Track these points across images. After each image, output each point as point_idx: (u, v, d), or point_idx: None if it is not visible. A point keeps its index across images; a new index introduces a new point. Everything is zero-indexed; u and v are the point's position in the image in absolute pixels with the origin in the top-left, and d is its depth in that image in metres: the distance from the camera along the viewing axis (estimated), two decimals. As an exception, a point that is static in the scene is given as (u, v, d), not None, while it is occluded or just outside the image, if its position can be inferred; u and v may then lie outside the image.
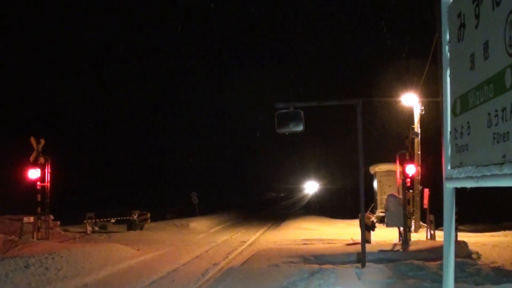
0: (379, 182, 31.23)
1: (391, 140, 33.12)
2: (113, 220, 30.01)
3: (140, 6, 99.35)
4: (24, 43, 70.98)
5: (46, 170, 22.66)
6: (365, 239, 13.73)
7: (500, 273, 12.13)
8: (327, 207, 50.33)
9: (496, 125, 2.63)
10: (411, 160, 21.25)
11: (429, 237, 20.89)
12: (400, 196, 19.54)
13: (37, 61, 75.39)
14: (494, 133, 2.66)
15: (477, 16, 2.88)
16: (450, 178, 3.36)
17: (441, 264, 3.58)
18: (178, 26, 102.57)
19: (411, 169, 20.49)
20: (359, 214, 14.07)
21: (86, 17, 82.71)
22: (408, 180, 20.46)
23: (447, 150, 3.47)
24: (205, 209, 39.26)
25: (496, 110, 2.63)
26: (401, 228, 18.78)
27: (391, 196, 19.88)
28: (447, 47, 3.46)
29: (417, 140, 25.30)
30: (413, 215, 23.62)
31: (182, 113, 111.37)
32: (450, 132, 3.43)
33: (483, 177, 2.75)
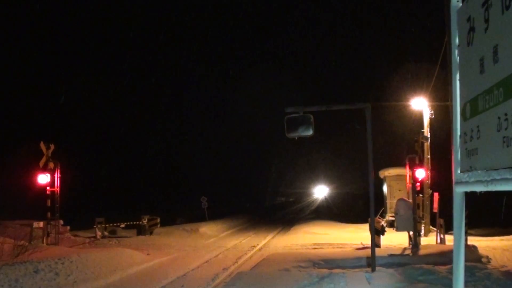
0: (389, 186, 31.17)
1: (401, 144, 33.13)
2: (123, 225, 30.07)
3: (147, 9, 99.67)
4: (32, 47, 71.34)
5: (55, 175, 22.78)
6: (375, 243, 13.70)
7: (510, 277, 12.06)
8: (337, 212, 50.22)
9: (506, 129, 2.63)
10: (421, 164, 21.22)
11: (439, 241, 20.81)
12: (410, 200, 19.49)
13: (44, 65, 75.73)
14: (504, 137, 2.66)
15: (486, 20, 2.88)
16: (460, 182, 3.36)
17: (451, 268, 3.56)
18: (187, 32, 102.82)
19: (421, 173, 20.46)
20: (369, 219, 14.05)
21: (94, 21, 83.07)
22: (418, 184, 20.42)
23: (457, 154, 3.46)
24: (214, 214, 39.27)
25: (506, 114, 2.62)
26: (411, 232, 18.71)
27: (401, 200, 19.83)
28: (456, 51, 3.46)
29: (427, 144, 25.26)
30: (423, 219, 23.57)
31: (191, 118, 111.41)
32: (460, 136, 3.43)
33: (493, 181, 2.74)
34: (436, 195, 22.58)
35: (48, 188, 22.53)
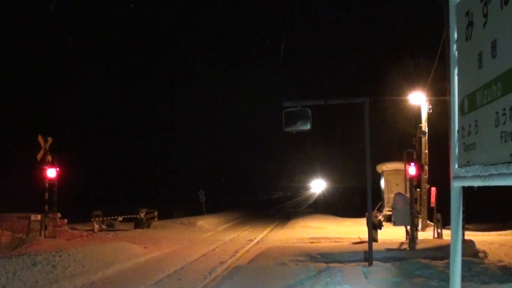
0: (386, 180, 31.16)
1: (399, 139, 33.06)
2: (120, 218, 30.04)
3: (147, 5, 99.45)
4: (32, 41, 71.22)
5: (53, 168, 22.72)
6: (372, 238, 13.71)
7: (507, 272, 12.09)
8: (334, 206, 50.22)
9: (504, 124, 2.63)
10: (419, 159, 21.20)
11: (436, 235, 20.84)
12: (407, 194, 19.51)
13: (45, 59, 75.62)
14: (502, 132, 2.66)
15: (485, 15, 2.88)
16: (457, 177, 3.36)
17: (448, 263, 3.57)
18: (186, 28, 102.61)
19: (419, 168, 20.44)
20: (366, 213, 14.06)
21: (93, 17, 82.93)
22: (415, 178, 20.40)
23: (455, 149, 3.46)
24: (212, 208, 39.25)
25: (504, 109, 2.62)
26: (408, 227, 18.73)
27: (398, 194, 19.85)
28: (455, 46, 3.45)
29: (425, 138, 25.27)
30: (420, 214, 23.58)
31: (189, 112, 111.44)
32: (458, 131, 3.43)
33: (491, 176, 2.74)
34: (433, 189, 22.61)
35: (45, 181, 22.49)
